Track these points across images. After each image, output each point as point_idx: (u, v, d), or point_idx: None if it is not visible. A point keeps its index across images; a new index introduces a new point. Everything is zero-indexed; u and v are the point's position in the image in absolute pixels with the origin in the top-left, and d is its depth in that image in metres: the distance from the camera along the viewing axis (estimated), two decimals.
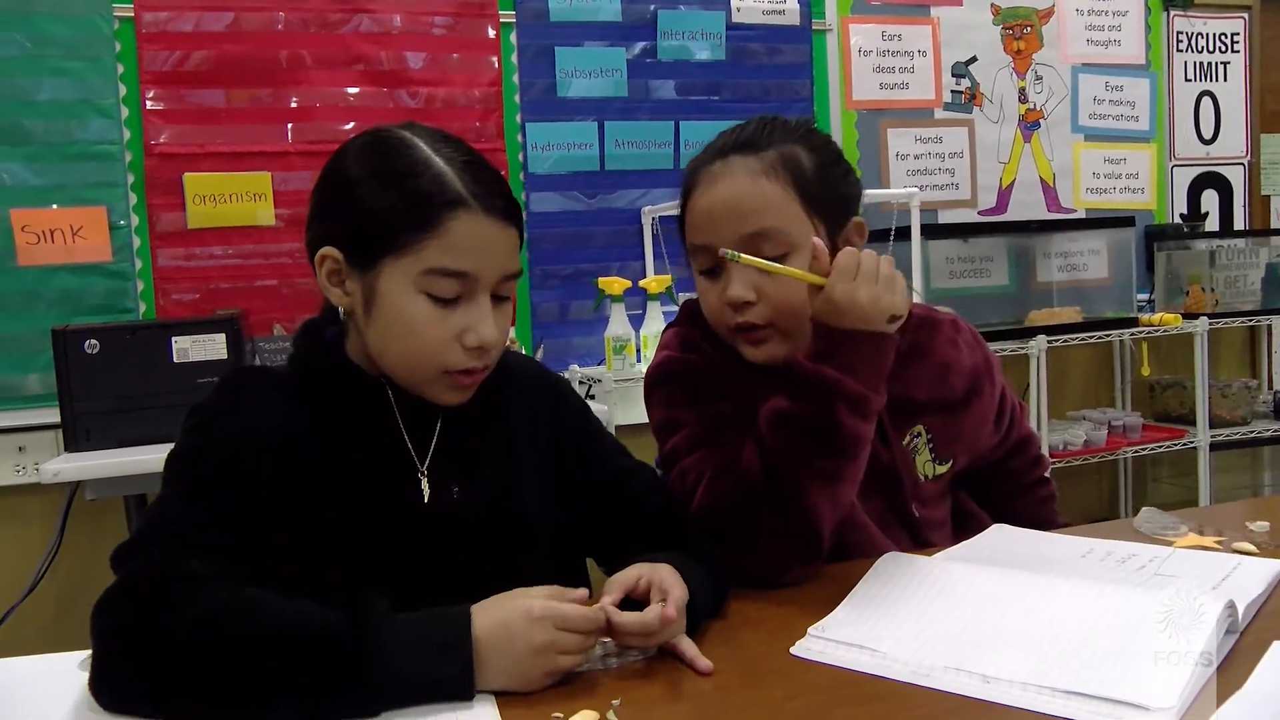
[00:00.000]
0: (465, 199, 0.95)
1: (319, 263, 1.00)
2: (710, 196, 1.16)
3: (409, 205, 0.95)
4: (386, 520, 1.00)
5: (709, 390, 1.19)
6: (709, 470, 1.12)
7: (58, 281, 2.55)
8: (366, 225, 0.96)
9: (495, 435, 1.10)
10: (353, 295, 0.99)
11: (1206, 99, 3.70)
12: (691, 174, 1.20)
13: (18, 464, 2.53)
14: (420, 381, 1.01)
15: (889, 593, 0.99)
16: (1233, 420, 3.39)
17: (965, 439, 1.31)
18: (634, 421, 2.90)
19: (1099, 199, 3.56)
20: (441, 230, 0.95)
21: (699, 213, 1.18)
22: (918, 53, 3.33)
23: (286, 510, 0.96)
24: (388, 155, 0.98)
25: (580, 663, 0.86)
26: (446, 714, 0.80)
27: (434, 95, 2.83)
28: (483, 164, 1.00)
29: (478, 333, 0.98)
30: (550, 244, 2.98)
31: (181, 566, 0.87)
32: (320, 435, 1.00)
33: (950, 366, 1.30)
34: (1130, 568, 1.07)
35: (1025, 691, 0.80)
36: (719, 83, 3.11)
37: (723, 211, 1.15)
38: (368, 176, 0.97)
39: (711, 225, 1.16)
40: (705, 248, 1.17)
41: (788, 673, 0.87)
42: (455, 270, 0.96)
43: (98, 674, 0.84)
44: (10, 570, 2.50)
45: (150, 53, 2.60)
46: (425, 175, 0.96)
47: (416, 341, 0.97)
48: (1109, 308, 3.28)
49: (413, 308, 0.96)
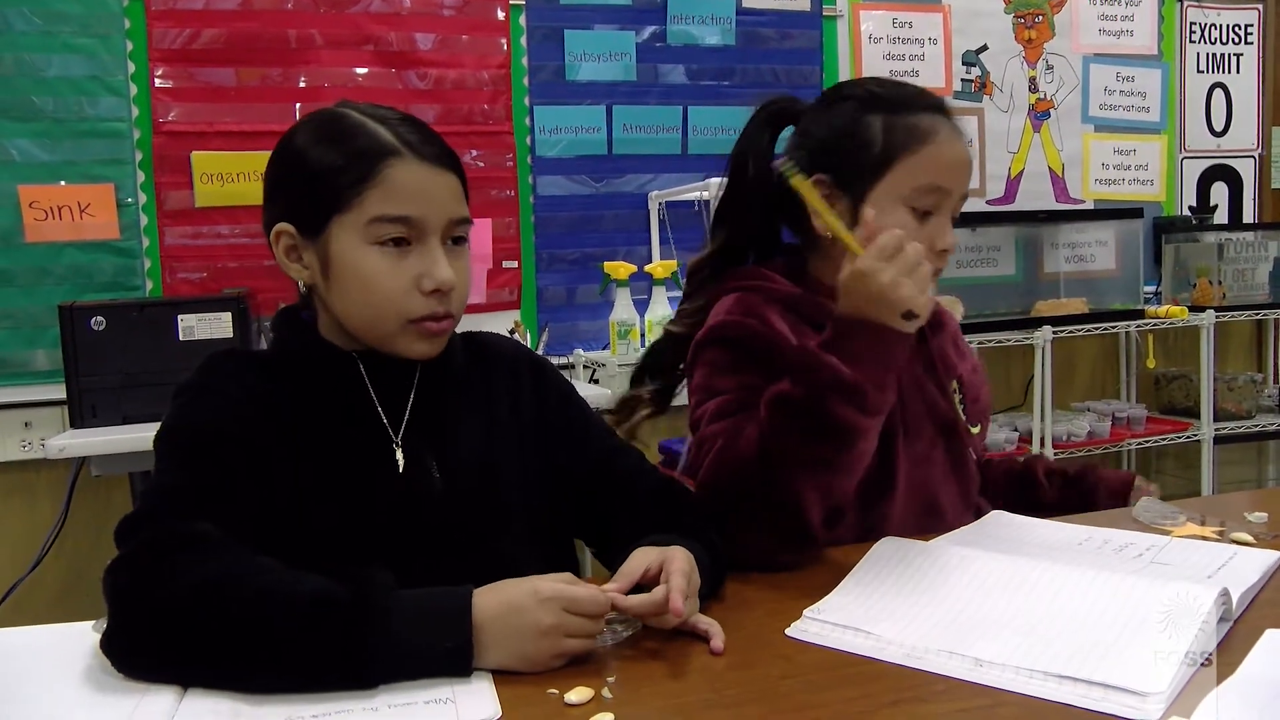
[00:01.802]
0: (398, 148, 0.99)
1: (275, 240, 1.03)
2: (963, 148, 1.24)
3: (347, 162, 0.99)
4: (363, 491, 1.02)
5: (756, 359, 1.18)
6: (718, 444, 1.12)
7: (65, 258, 2.56)
8: (311, 191, 1.00)
9: (472, 407, 1.11)
10: (310, 267, 1.03)
11: (1218, 91, 3.67)
12: (924, 114, 1.22)
13: (24, 439, 2.55)
14: (387, 336, 1.02)
15: (885, 576, 0.99)
16: (1238, 414, 3.38)
17: (983, 407, 1.40)
18: None
19: (1108, 190, 3.55)
20: (379, 179, 0.98)
21: (954, 157, 1.22)
22: (928, 40, 3.32)
23: (269, 483, 0.98)
24: (325, 125, 1.02)
25: (588, 647, 0.86)
26: (443, 688, 0.81)
27: (443, 77, 2.83)
28: (416, 121, 1.04)
29: (432, 275, 1.00)
30: (557, 228, 2.99)
31: (187, 529, 0.89)
32: (297, 411, 1.02)
33: (958, 336, 1.42)
34: (1126, 556, 1.07)
35: (1018, 675, 0.80)
36: (728, 68, 3.10)
37: (967, 167, 1.24)
38: (309, 147, 1.01)
39: (959, 174, 1.23)
40: (944, 191, 1.21)
41: (783, 653, 0.88)
42: (398, 215, 0.99)
43: (110, 634, 0.85)
44: (17, 545, 2.52)
45: (160, 30, 2.60)
46: (360, 134, 1.00)
47: (375, 294, 1.00)
48: (1116, 299, 3.27)
49: (366, 261, 0.99)
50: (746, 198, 1.31)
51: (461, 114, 2.85)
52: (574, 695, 0.79)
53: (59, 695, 0.83)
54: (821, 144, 1.25)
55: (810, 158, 1.24)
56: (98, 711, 0.79)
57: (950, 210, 1.23)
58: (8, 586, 2.42)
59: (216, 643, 0.82)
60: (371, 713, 0.77)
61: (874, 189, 1.21)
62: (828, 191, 1.21)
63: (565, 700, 0.78)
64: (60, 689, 0.84)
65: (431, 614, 0.84)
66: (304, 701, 0.79)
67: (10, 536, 2.55)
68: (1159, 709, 0.74)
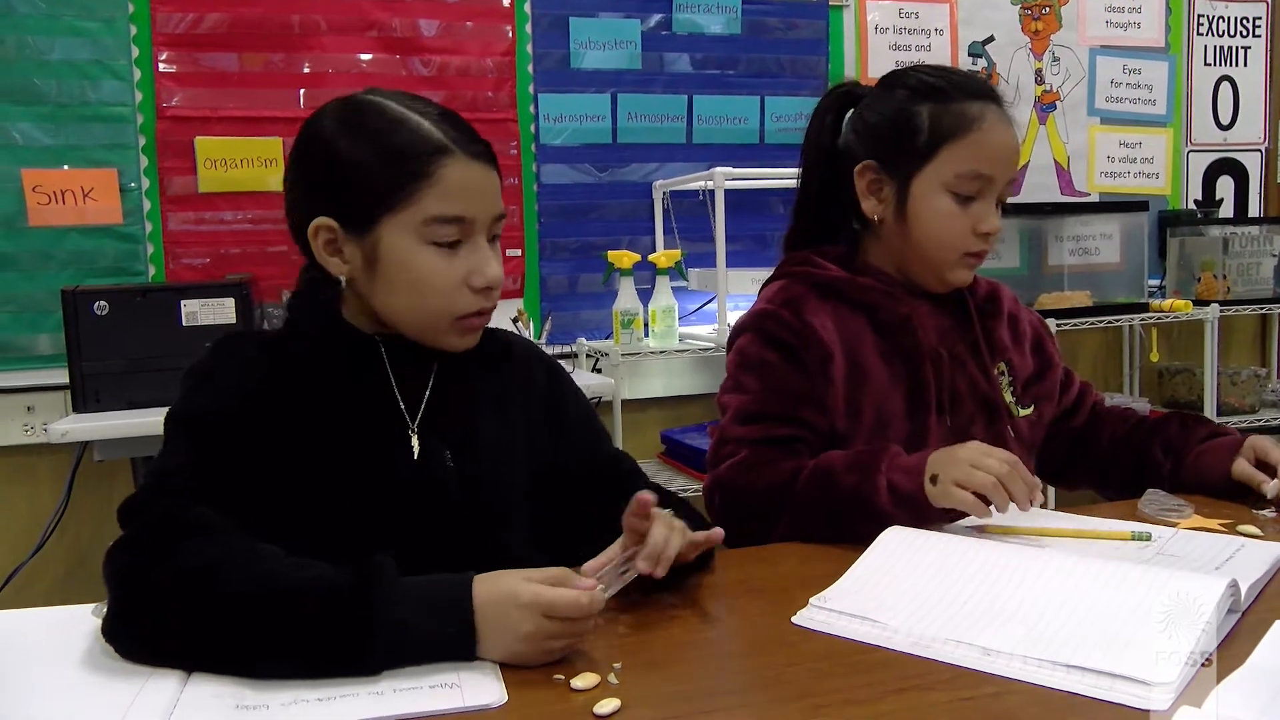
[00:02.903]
0: (449, 146, 0.98)
1: (313, 235, 1.01)
2: (1010, 136, 1.27)
3: (398, 159, 0.97)
4: (376, 477, 1.02)
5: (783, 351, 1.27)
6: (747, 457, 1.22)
7: (68, 243, 2.56)
8: (358, 188, 0.98)
9: (488, 399, 1.11)
10: (352, 261, 1.01)
11: (1225, 84, 3.66)
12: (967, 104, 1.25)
13: (26, 424, 2.54)
14: (434, 332, 1.03)
15: (892, 565, 0.99)
16: (1241, 408, 3.37)
17: (1041, 388, 1.41)
18: (640, 396, 2.90)
19: (1113, 183, 3.53)
20: (435, 178, 0.97)
21: (998, 145, 1.26)
22: (934, 31, 3.30)
23: (277, 470, 0.97)
24: (366, 117, 1.00)
25: (572, 647, 0.85)
26: (449, 673, 0.81)
27: (447, 64, 2.82)
28: (454, 115, 1.04)
29: (484, 273, 1.01)
30: (560, 216, 2.98)
31: (191, 514, 0.89)
32: (312, 395, 1.01)
33: (1018, 318, 1.44)
34: (1134, 547, 1.07)
35: (1025, 664, 0.80)
36: (734, 57, 3.09)
37: (1011, 154, 1.28)
38: (350, 141, 0.99)
39: (1003, 161, 1.26)
40: (987, 178, 1.25)
41: (789, 641, 0.88)
42: (454, 216, 0.98)
43: (111, 618, 0.85)
44: (19, 529, 2.52)
45: (163, 14, 2.59)
46: (405, 129, 0.98)
47: (428, 292, 1.00)
48: (1120, 293, 3.26)
49: (419, 259, 0.99)
50: (811, 181, 1.37)
51: (465, 101, 2.83)
52: (580, 681, 0.79)
53: (63, 679, 0.83)
54: (873, 130, 1.30)
55: (862, 143, 1.30)
56: (102, 695, 0.79)
57: (996, 195, 1.27)
58: (9, 571, 2.42)
59: (217, 628, 0.82)
60: (376, 697, 0.77)
61: (919, 175, 1.26)
62: (875, 176, 1.28)
63: (571, 686, 0.78)
64: (64, 672, 0.84)
65: (433, 600, 0.83)
66: (308, 685, 0.79)
67: (12, 521, 2.55)
68: (1167, 699, 0.74)
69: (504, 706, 0.76)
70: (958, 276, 1.31)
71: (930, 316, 1.32)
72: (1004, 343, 1.38)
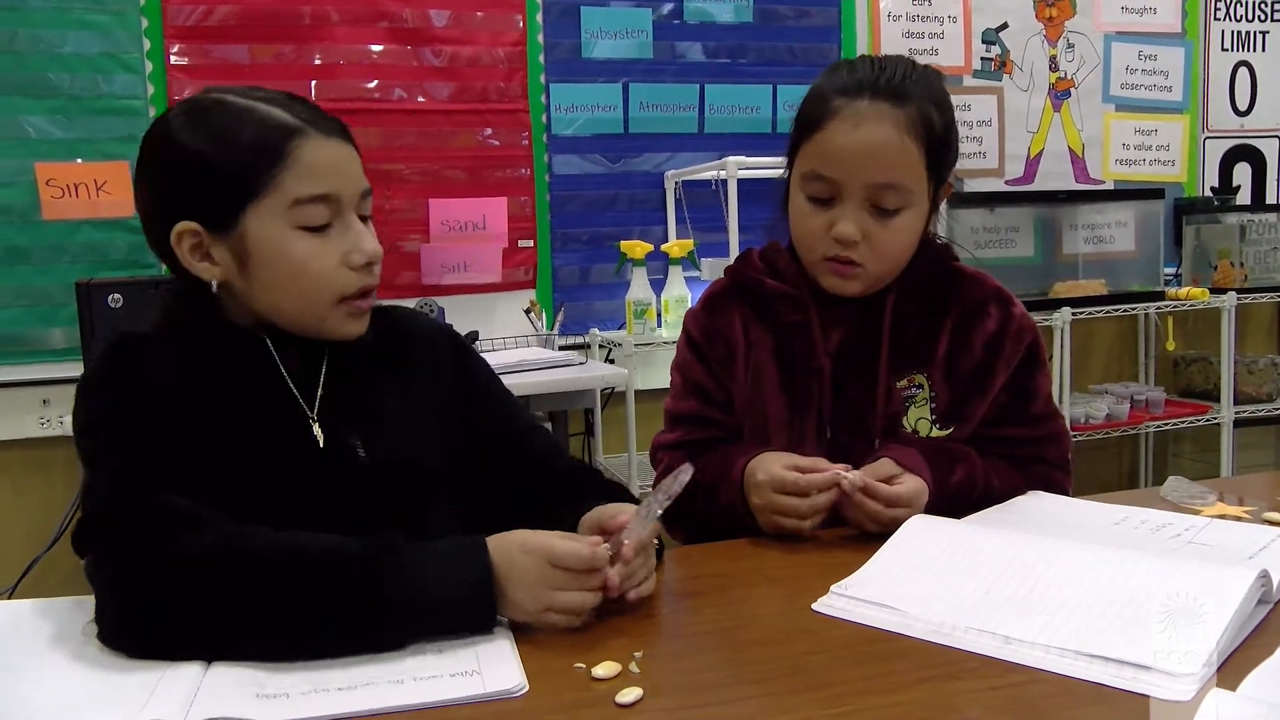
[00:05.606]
0: (301, 126, 0.97)
1: (177, 242, 0.97)
2: (856, 136, 1.15)
3: (252, 148, 0.95)
4: (284, 471, 1.00)
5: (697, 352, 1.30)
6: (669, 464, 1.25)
7: (82, 236, 2.56)
8: (216, 184, 0.96)
9: (389, 379, 1.09)
10: (223, 262, 0.98)
11: (1243, 69, 3.62)
12: (829, 100, 1.18)
13: (42, 417, 2.56)
14: (318, 319, 1.00)
15: (915, 553, 0.98)
16: (1258, 396, 3.35)
17: (968, 415, 1.25)
18: (655, 386, 2.89)
19: (1128, 170, 3.51)
20: (292, 159, 0.96)
21: (839, 147, 1.16)
22: (948, 18, 3.28)
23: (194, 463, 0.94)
24: (211, 114, 0.97)
25: (580, 601, 0.86)
26: (469, 660, 0.80)
27: (458, 54, 2.81)
28: (301, 98, 1.02)
29: (361, 249, 1.00)
30: (572, 207, 2.97)
31: (167, 504, 0.87)
32: (213, 393, 0.99)
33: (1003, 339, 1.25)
34: (1164, 536, 1.05)
35: (1047, 653, 0.79)
36: (745, 45, 3.07)
37: (863, 156, 1.15)
38: (200, 140, 0.96)
39: (848, 163, 1.16)
40: (830, 181, 1.17)
41: (809, 628, 0.87)
42: (319, 194, 0.97)
43: (116, 623, 0.84)
44: (34, 521, 2.54)
45: (174, 7, 2.59)
46: (253, 117, 0.97)
47: (307, 277, 0.98)
48: (1135, 281, 3.24)
49: (292, 246, 0.97)
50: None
51: (477, 91, 2.83)
52: (601, 669, 0.78)
53: (82, 668, 0.83)
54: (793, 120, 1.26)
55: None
56: (121, 684, 0.79)
57: (855, 199, 1.16)
58: (27, 562, 2.43)
59: (236, 609, 0.82)
60: (397, 684, 0.77)
61: (791, 173, 1.24)
62: (786, 172, 1.26)
63: (592, 674, 0.78)
64: (83, 662, 0.84)
65: (446, 553, 0.85)
66: (328, 674, 0.79)
67: (28, 513, 2.56)
68: (1191, 689, 0.73)
69: (525, 695, 0.76)
70: (828, 282, 1.21)
71: (836, 324, 1.25)
72: (931, 356, 1.24)
